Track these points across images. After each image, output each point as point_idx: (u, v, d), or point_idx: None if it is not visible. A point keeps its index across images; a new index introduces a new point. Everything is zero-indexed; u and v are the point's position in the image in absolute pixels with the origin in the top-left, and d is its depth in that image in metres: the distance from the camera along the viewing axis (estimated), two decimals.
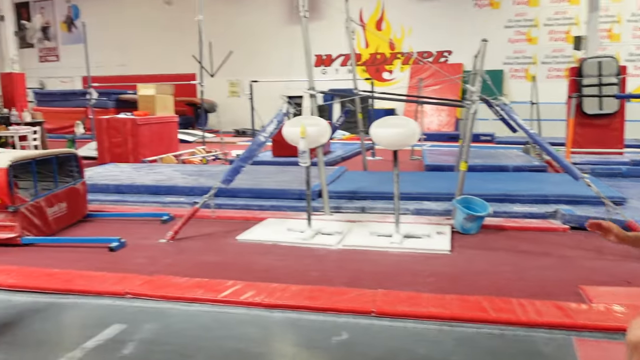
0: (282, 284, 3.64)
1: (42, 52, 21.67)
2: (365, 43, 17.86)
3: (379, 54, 17.82)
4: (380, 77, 17.56)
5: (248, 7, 18.44)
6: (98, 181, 6.89)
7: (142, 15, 19.75)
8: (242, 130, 17.34)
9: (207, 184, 6.57)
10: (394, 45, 17.00)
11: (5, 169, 4.53)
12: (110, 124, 10.08)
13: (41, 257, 4.50)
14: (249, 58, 17.96)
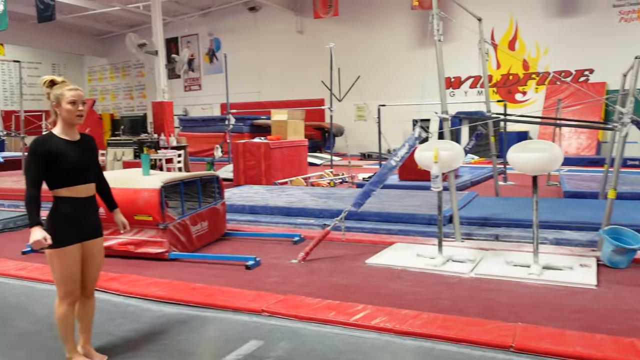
0: (413, 311, 3.58)
1: (186, 82, 23.70)
2: (496, 64, 17.27)
3: (512, 74, 17.12)
4: (512, 98, 16.84)
5: (377, 33, 18.73)
6: (235, 202, 7.31)
7: (276, 45, 20.87)
8: (369, 154, 17.48)
9: (336, 207, 6.70)
10: (529, 65, 16.23)
11: (158, 190, 4.97)
12: (245, 148, 10.68)
13: (185, 271, 4.85)
14: (377, 82, 18.16)
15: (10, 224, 6.96)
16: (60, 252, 2.90)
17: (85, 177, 3.00)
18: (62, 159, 2.88)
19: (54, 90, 2.95)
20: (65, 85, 2.97)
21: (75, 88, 2.97)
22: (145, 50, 13.30)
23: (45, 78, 3.00)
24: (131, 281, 4.39)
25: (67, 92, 2.92)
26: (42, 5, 14.68)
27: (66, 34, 23.48)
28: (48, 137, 2.92)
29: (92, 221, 3.06)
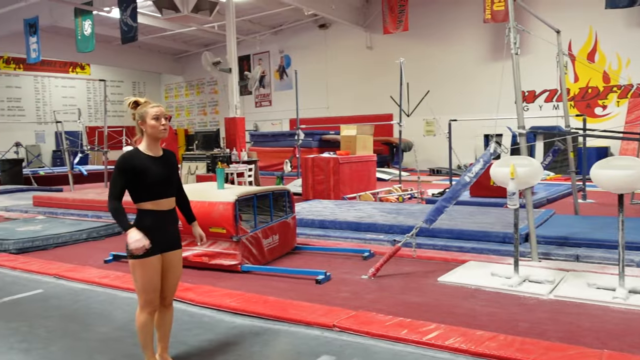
0: (488, 332, 3.46)
1: (257, 98, 24.30)
2: (574, 77, 16.58)
3: (591, 87, 16.37)
4: (591, 112, 16.08)
5: (447, 47, 18.50)
6: (304, 216, 7.37)
7: (345, 61, 21.03)
8: (437, 169, 17.20)
9: (406, 223, 6.62)
10: (609, 78, 15.46)
11: (233, 203, 5.10)
12: (314, 163, 10.78)
13: (257, 284, 4.93)
14: (446, 97, 17.90)
15: (93, 233, 7.34)
16: (142, 263, 3.03)
17: (167, 191, 3.13)
18: (146, 173, 3.03)
19: (138, 110, 3.11)
20: (148, 104, 3.13)
21: (157, 105, 3.13)
22: (219, 68, 13.77)
23: (129, 100, 3.17)
24: (206, 292, 4.51)
25: (150, 109, 3.08)
26: (125, 27, 15.54)
27: (146, 54, 24.73)
28: (134, 153, 3.08)
29: (172, 233, 3.18)
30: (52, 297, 4.67)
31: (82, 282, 5.06)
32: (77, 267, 5.56)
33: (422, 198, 10.10)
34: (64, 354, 3.44)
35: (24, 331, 3.86)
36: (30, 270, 5.53)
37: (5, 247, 6.46)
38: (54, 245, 6.82)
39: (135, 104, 3.14)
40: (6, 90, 22.95)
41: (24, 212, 10.06)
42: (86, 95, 25.54)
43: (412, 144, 18.72)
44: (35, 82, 23.84)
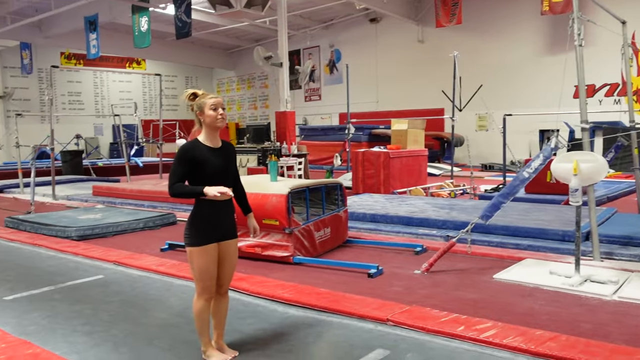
0: (549, 332, 3.34)
1: (307, 93, 24.39)
2: (637, 70, 15.82)
3: None
4: None
5: (501, 40, 18.00)
6: (355, 210, 7.35)
7: (395, 55, 20.81)
8: (490, 165, 16.80)
9: (459, 218, 6.50)
10: None
11: (286, 196, 5.13)
12: (365, 157, 10.73)
13: (309, 276, 4.95)
14: (499, 91, 17.43)
15: (150, 223, 7.55)
16: (200, 250, 3.08)
17: (225, 181, 3.17)
18: (205, 164, 3.07)
19: (197, 101, 3.16)
20: (206, 95, 3.17)
21: (215, 96, 3.17)
22: (270, 63, 13.87)
23: (187, 92, 3.22)
24: (259, 282, 4.56)
25: (208, 100, 3.13)
26: (180, 23, 15.87)
27: (199, 49, 25.21)
28: (194, 144, 3.13)
29: (229, 223, 3.22)
30: (112, 283, 4.83)
31: (140, 269, 5.21)
32: (135, 255, 5.73)
33: (475, 194, 9.89)
34: (125, 338, 3.54)
35: (87, 314, 4.00)
36: (91, 256, 5.74)
37: (68, 234, 6.73)
38: (112, 233, 7.06)
39: (193, 96, 3.20)
40: (67, 85, 23.91)
41: (84, 201, 10.46)
42: (142, 89, 26.30)
43: (463, 139, 18.37)
44: (94, 77, 24.73)
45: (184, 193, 3.04)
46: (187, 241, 3.12)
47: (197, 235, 3.09)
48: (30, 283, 4.87)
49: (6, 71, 22.48)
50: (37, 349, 3.25)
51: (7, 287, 4.77)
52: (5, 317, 3.99)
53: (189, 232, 3.12)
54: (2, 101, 22.24)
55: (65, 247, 6.18)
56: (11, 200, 11.44)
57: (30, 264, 5.63)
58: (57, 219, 7.46)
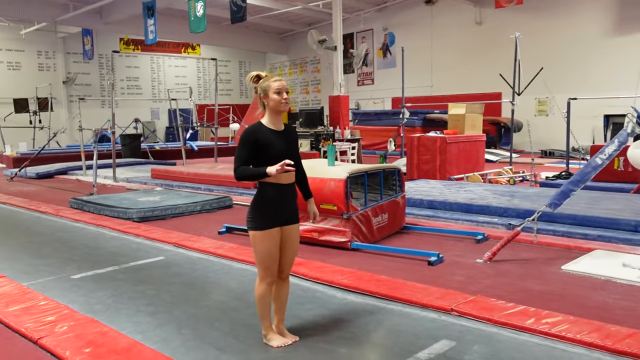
0: (626, 328, 3.15)
1: (359, 77, 24.15)
2: None
3: None
4: None
5: (564, 20, 17.18)
6: (411, 196, 7.19)
7: (451, 38, 20.25)
8: (550, 151, 16.18)
9: (522, 206, 6.26)
10: None
11: (344, 180, 5.06)
12: (420, 142, 10.51)
13: (367, 262, 4.88)
14: (561, 74, 16.67)
15: (207, 205, 7.66)
16: (263, 234, 3.06)
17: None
18: (269, 147, 3.03)
19: (261, 83, 3.12)
20: (270, 78, 3.12)
21: (279, 79, 3.11)
22: (324, 46, 13.76)
23: (251, 74, 3.19)
24: (317, 267, 4.52)
25: (273, 83, 3.07)
26: (235, 7, 15.95)
27: (252, 34, 25.34)
28: (257, 127, 3.09)
29: (292, 207, 3.18)
30: (172, 265, 4.91)
31: (199, 252, 5.28)
32: (194, 237, 5.81)
33: (536, 181, 9.52)
34: (187, 319, 3.58)
35: (150, 294, 4.08)
36: (152, 238, 5.86)
37: (129, 216, 6.90)
38: (171, 216, 7.20)
39: (257, 78, 3.16)
40: (126, 70, 24.58)
41: (143, 183, 10.74)
42: (196, 74, 26.74)
43: (522, 124, 17.74)
44: (151, 62, 25.31)
45: (248, 175, 3.02)
46: (250, 225, 3.10)
47: (260, 219, 3.06)
48: (95, 262, 5.01)
49: (69, 57, 23.30)
50: (104, 327, 3.32)
51: (74, 266, 4.93)
52: (74, 295, 4.11)
53: (252, 216, 3.09)
54: (65, 86, 23.11)
55: (127, 228, 6.34)
56: (74, 182, 11.88)
57: (95, 244, 5.80)
58: (119, 201, 7.67)
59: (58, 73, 23.02)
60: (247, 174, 3.01)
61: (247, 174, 3.01)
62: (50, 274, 4.71)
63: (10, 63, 21.80)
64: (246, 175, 3.02)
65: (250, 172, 3.01)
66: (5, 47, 21.56)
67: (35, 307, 3.70)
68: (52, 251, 5.54)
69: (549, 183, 9.26)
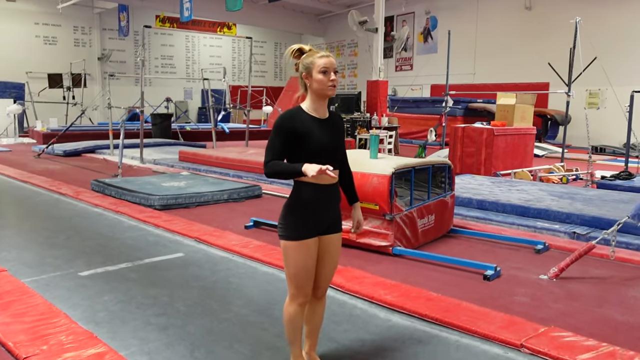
0: None
1: (398, 62, 23.27)
2: None
3: None
4: None
5: (621, 5, 15.96)
6: (458, 194, 6.50)
7: (497, 24, 19.21)
8: (602, 147, 15.16)
9: (586, 212, 5.52)
10: None
11: (389, 176, 4.43)
12: (465, 133, 9.77)
13: (412, 272, 4.25)
14: (616, 65, 15.54)
15: (234, 194, 7.12)
16: (297, 245, 2.47)
17: (331, 161, 2.51)
18: (309, 137, 2.43)
19: (303, 59, 2.50)
20: (315, 53, 2.50)
21: (326, 55, 2.49)
22: (365, 28, 13.04)
23: (292, 47, 2.57)
24: (356, 277, 3.91)
25: (318, 59, 2.46)
26: None
27: (289, 14, 24.65)
28: (296, 112, 2.49)
29: (334, 213, 2.59)
30: (191, 264, 4.38)
31: (222, 250, 4.73)
32: (218, 231, 5.28)
33: (593, 181, 8.68)
34: (203, 337, 3.03)
35: (163, 302, 3.54)
36: (172, 230, 5.35)
37: (151, 203, 6.42)
38: (196, 204, 6.69)
39: (299, 52, 2.54)
40: (161, 48, 24.25)
41: (170, 166, 10.29)
42: (231, 54, 26.26)
43: (570, 117, 16.72)
44: (186, 41, 24.91)
45: (280, 172, 2.41)
46: (283, 233, 2.50)
47: (294, 227, 2.47)
48: (107, 257, 4.52)
49: (105, 33, 23.07)
50: (102, 346, 2.79)
51: (85, 260, 4.44)
52: (78, 298, 3.61)
53: (284, 223, 2.50)
54: (100, 62, 22.91)
55: (147, 217, 5.85)
56: (101, 161, 11.52)
57: (111, 234, 5.32)
58: (142, 185, 7.20)
59: (93, 49, 22.83)
60: (279, 169, 2.41)
61: (278, 169, 2.41)
62: (57, 268, 4.23)
63: (47, 37, 21.67)
64: (278, 172, 2.42)
65: (284, 167, 2.41)
66: (42, 21, 21.42)
67: (29, 313, 3.21)
68: (64, 240, 5.07)
69: (608, 184, 8.41)
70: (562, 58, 16.97)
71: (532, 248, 4.91)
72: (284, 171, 2.41)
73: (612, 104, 13.55)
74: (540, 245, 4.87)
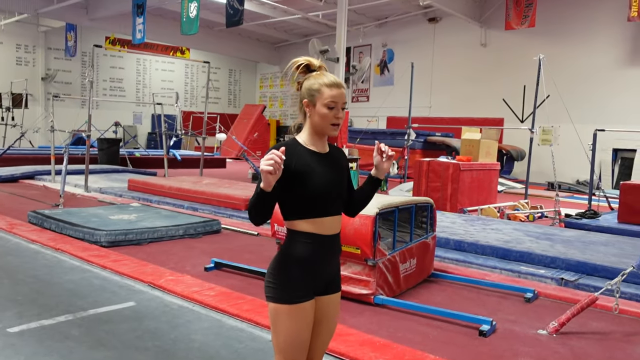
0: None
1: (354, 93, 23.20)
2: None
3: None
4: None
5: (577, 48, 16.39)
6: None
7: (453, 59, 19.44)
8: (558, 184, 15.30)
9: (571, 256, 5.25)
10: None
11: (373, 217, 3.97)
12: (430, 167, 9.52)
13: (399, 326, 3.78)
14: (569, 103, 15.86)
15: (190, 230, 6.50)
16: (290, 310, 1.97)
17: (333, 205, 2.06)
18: (308, 176, 1.96)
19: (309, 81, 2.04)
20: (323, 76, 2.04)
21: (337, 84, 2.02)
22: (326, 57, 12.75)
23: (298, 60, 2.10)
24: (339, 334, 3.39)
25: (327, 89, 2.00)
26: (231, 10, 14.91)
27: (245, 41, 24.30)
28: (291, 144, 2.01)
29: (334, 269, 2.11)
30: (146, 316, 3.75)
31: (180, 298, 4.12)
32: (175, 274, 4.66)
33: (561, 220, 8.53)
34: None
35: None
36: (122, 272, 4.68)
37: (97, 239, 5.71)
38: (148, 241, 6.02)
39: (306, 69, 2.08)
40: (110, 71, 23.30)
41: (119, 196, 9.52)
42: (184, 79, 25.55)
43: (524, 153, 16.93)
44: (137, 64, 24.06)
45: (253, 203, 1.88)
46: (272, 294, 1.99)
47: (287, 286, 1.97)
48: (43, 307, 3.83)
49: (50, 52, 21.96)
50: None
51: (16, 311, 3.74)
52: None
53: (273, 281, 2.00)
54: (44, 83, 21.73)
55: (92, 256, 5.15)
56: (41, 188, 10.58)
57: (49, 277, 4.60)
58: (86, 218, 6.47)
59: (37, 68, 21.66)
60: (252, 202, 1.89)
61: (252, 202, 1.89)
62: None
63: None
64: (252, 205, 1.90)
65: (254, 196, 1.89)
66: None
67: None
68: None
69: (575, 223, 8.27)
70: (515, 94, 17.32)
71: (521, 296, 4.55)
72: (253, 198, 1.88)
73: (564, 142, 13.76)
74: (529, 293, 4.51)
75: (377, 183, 2.25)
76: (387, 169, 2.21)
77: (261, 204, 1.87)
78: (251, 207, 1.90)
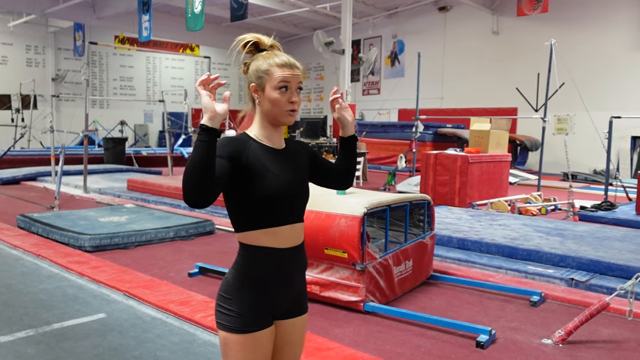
0: None
1: (365, 86, 22.79)
2: None
3: None
4: None
5: (591, 32, 15.81)
6: (436, 230, 5.77)
7: (465, 48, 18.93)
8: (573, 174, 14.77)
9: (581, 253, 4.86)
10: None
11: (360, 218, 3.64)
12: (438, 160, 9.13)
13: (388, 337, 3.46)
14: (584, 91, 15.27)
15: (182, 231, 6.24)
16: (243, 340, 1.64)
17: (294, 211, 1.74)
18: (262, 177, 1.63)
19: (257, 61, 1.71)
20: (274, 55, 1.70)
21: (289, 64, 1.69)
22: (331, 49, 12.42)
23: (245, 37, 1.76)
24: (317, 349, 3.09)
25: (277, 69, 1.67)
26: (236, 4, 14.65)
27: None
28: (242, 138, 1.69)
29: (297, 288, 1.77)
30: (112, 330, 3.47)
31: (155, 308, 3.84)
32: (154, 281, 4.38)
33: (575, 213, 8.09)
34: None
35: None
36: (98, 280, 4.42)
37: (81, 243, 5.46)
38: (135, 244, 5.76)
39: (253, 47, 1.74)
40: (120, 69, 23.20)
41: (117, 196, 9.31)
42: (194, 76, 25.38)
43: (539, 143, 16.40)
44: (147, 62, 23.93)
45: (190, 169, 1.46)
46: (221, 320, 1.67)
47: (240, 312, 1.64)
48: (6, 321, 3.57)
49: (60, 53, 21.91)
50: None
51: None
52: None
53: (225, 306, 1.66)
54: (55, 83, 21.69)
55: (72, 262, 4.90)
56: (41, 190, 10.42)
57: (22, 286, 4.35)
58: (74, 221, 6.24)
59: (47, 69, 21.63)
60: (188, 167, 1.47)
61: (187, 168, 1.47)
62: None
63: None
64: (188, 172, 1.47)
65: (190, 158, 1.48)
66: None
67: None
68: None
69: (590, 216, 7.87)
70: (529, 83, 16.78)
71: (526, 299, 4.18)
72: (192, 157, 1.47)
73: (580, 130, 13.24)
74: (535, 296, 4.15)
75: (352, 140, 1.89)
76: (350, 118, 1.88)
77: (202, 165, 1.44)
78: (188, 175, 1.46)
